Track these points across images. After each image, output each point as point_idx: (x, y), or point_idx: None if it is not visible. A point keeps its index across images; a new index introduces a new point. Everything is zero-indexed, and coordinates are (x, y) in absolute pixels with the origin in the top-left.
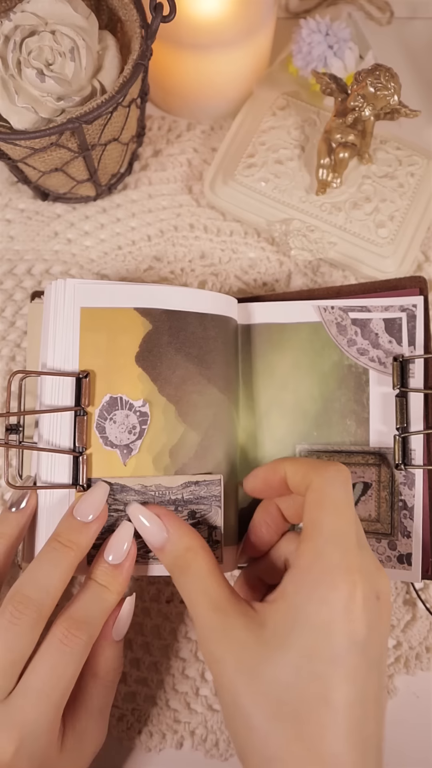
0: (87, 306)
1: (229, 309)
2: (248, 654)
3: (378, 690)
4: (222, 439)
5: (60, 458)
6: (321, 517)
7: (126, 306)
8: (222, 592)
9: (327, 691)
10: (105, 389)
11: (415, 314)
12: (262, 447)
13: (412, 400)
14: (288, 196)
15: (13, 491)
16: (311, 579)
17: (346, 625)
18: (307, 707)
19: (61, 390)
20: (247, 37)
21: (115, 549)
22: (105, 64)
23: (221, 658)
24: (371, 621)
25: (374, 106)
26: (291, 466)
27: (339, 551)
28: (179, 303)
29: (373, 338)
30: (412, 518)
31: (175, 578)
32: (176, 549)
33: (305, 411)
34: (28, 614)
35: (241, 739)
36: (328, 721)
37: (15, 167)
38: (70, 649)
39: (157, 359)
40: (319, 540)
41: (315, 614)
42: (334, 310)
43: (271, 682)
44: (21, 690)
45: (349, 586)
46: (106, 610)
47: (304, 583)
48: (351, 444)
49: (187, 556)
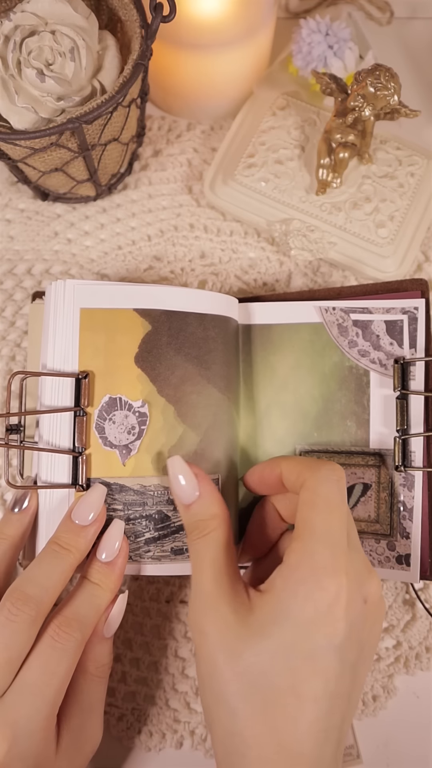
0: (86, 307)
1: (230, 309)
2: (231, 634)
3: (350, 689)
4: (221, 439)
5: (59, 458)
6: (313, 516)
7: (125, 307)
8: (227, 568)
9: (297, 684)
10: (104, 390)
11: (417, 317)
12: (262, 447)
13: (412, 403)
14: (288, 196)
15: (14, 491)
16: (299, 576)
17: (327, 625)
18: (276, 695)
19: (60, 390)
20: (247, 37)
21: (107, 547)
22: (105, 64)
23: (206, 630)
24: (353, 623)
25: (374, 106)
26: (287, 464)
27: (328, 551)
28: (179, 303)
29: (374, 340)
30: (411, 519)
31: (190, 539)
32: (203, 512)
33: (306, 412)
34: (26, 611)
35: (212, 711)
36: (293, 711)
37: (15, 167)
38: (62, 645)
39: (156, 360)
40: (310, 539)
41: (298, 611)
42: (336, 311)
43: (248, 665)
44: (15, 687)
45: (335, 587)
46: (99, 608)
47: (291, 580)
48: (351, 445)
49: (210, 522)
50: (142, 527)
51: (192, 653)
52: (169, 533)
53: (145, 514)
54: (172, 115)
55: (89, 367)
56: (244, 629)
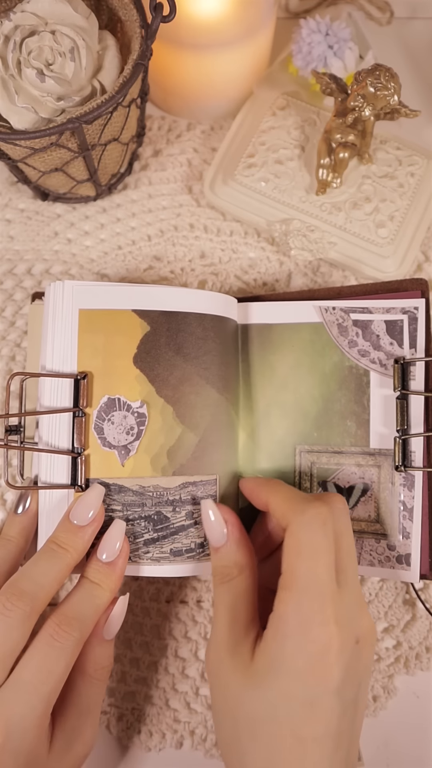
0: (85, 308)
1: (229, 309)
2: (237, 683)
3: (351, 725)
4: (220, 439)
5: (59, 459)
6: (298, 565)
7: (123, 308)
8: (244, 615)
9: (298, 728)
10: (103, 390)
11: (417, 316)
12: (262, 447)
13: (412, 403)
14: (288, 196)
15: (13, 492)
16: (288, 629)
17: (321, 673)
18: (280, 739)
19: (59, 391)
20: (247, 37)
21: (108, 547)
22: (105, 64)
23: (217, 676)
24: (348, 666)
25: (374, 106)
26: (274, 499)
27: (316, 602)
28: (177, 304)
29: (374, 340)
30: (412, 519)
31: (214, 582)
32: (227, 559)
33: (305, 412)
34: (20, 607)
35: (225, 748)
36: (297, 753)
37: (15, 167)
38: (61, 644)
39: (154, 360)
40: (296, 589)
41: (291, 662)
42: (336, 311)
43: (252, 711)
44: (9, 684)
45: (325, 637)
46: (99, 608)
47: (281, 632)
48: (351, 445)
49: (233, 570)
50: (141, 528)
51: (192, 653)
52: (168, 534)
53: (144, 515)
54: (172, 115)
55: (88, 368)
56: (246, 679)
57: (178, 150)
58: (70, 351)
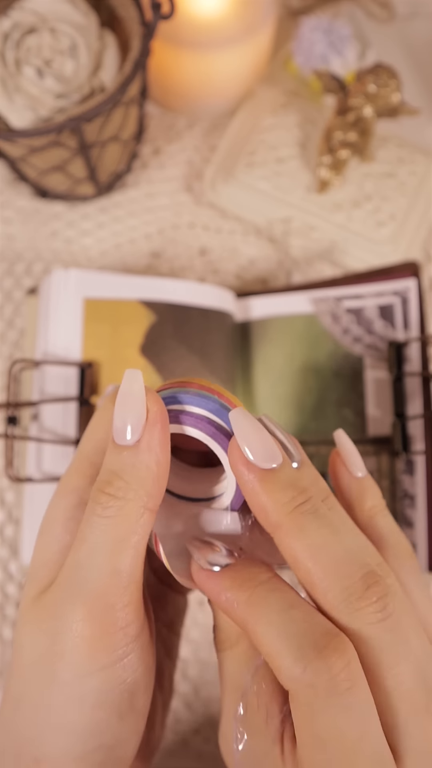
0: (90, 297)
1: (229, 303)
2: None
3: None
4: None
5: (64, 449)
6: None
7: (130, 298)
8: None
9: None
10: (109, 380)
11: (409, 297)
12: None
13: (408, 385)
14: (288, 194)
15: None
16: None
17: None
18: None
19: (65, 380)
20: (248, 35)
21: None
22: (104, 62)
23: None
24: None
25: (375, 105)
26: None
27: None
28: (182, 296)
29: (367, 325)
30: (415, 507)
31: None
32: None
33: (302, 403)
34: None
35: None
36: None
37: (14, 165)
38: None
39: (161, 350)
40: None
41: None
42: (328, 300)
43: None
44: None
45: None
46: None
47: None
48: (349, 434)
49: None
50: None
51: (192, 654)
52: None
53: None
54: (172, 113)
55: (94, 357)
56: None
57: (177, 148)
58: (74, 340)
